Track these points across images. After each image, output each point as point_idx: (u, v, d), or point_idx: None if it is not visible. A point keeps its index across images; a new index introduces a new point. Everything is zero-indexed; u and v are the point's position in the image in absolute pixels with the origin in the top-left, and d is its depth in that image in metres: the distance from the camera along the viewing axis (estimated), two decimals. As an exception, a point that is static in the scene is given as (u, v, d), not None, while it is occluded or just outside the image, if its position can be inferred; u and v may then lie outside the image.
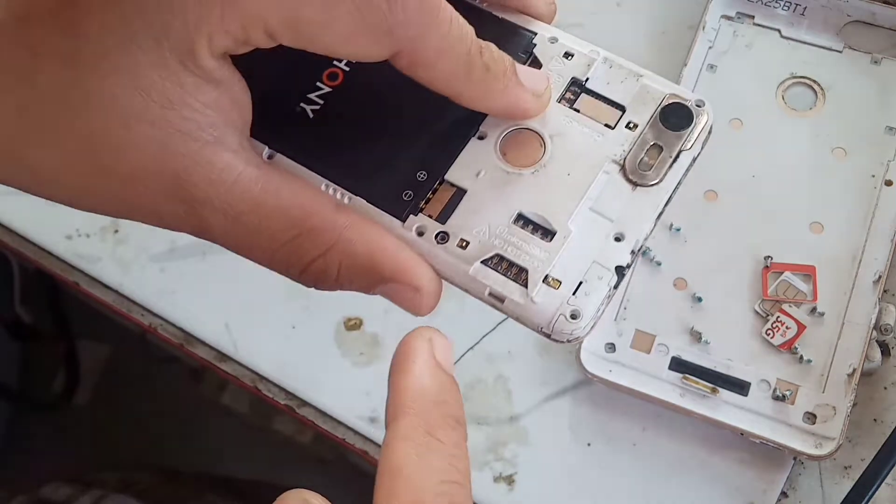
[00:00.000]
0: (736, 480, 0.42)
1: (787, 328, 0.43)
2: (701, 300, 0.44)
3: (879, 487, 0.39)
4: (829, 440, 0.41)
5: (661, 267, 0.45)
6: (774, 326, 0.43)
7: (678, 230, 0.45)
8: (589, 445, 0.44)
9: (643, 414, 0.43)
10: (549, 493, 0.43)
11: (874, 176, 0.45)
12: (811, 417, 0.41)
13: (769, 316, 0.43)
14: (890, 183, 0.45)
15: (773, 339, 0.43)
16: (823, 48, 0.48)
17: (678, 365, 0.43)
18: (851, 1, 0.48)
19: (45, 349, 0.99)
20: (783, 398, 0.42)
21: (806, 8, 0.49)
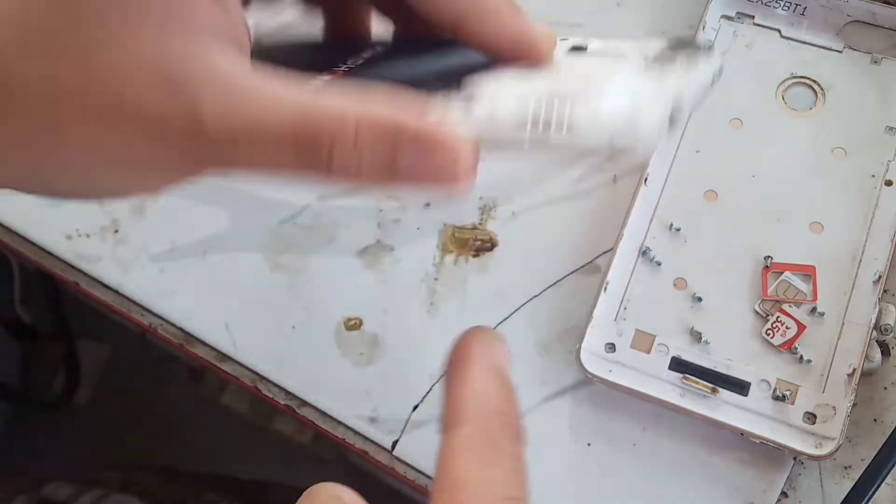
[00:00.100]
0: (736, 480, 0.42)
1: (787, 328, 0.43)
2: (701, 300, 0.44)
3: (879, 487, 0.39)
4: (829, 440, 0.41)
5: (661, 267, 0.45)
6: (774, 326, 0.43)
7: (678, 230, 0.45)
8: (589, 445, 0.44)
9: (643, 414, 0.43)
10: (549, 493, 0.43)
11: (874, 176, 0.45)
12: (811, 417, 0.41)
13: (769, 316, 0.43)
14: (890, 183, 0.45)
15: (773, 339, 0.43)
16: (823, 48, 0.48)
17: (678, 365, 0.43)
18: (851, 1, 0.48)
19: (45, 349, 0.99)
20: (783, 398, 0.42)
21: (806, 8, 0.49)
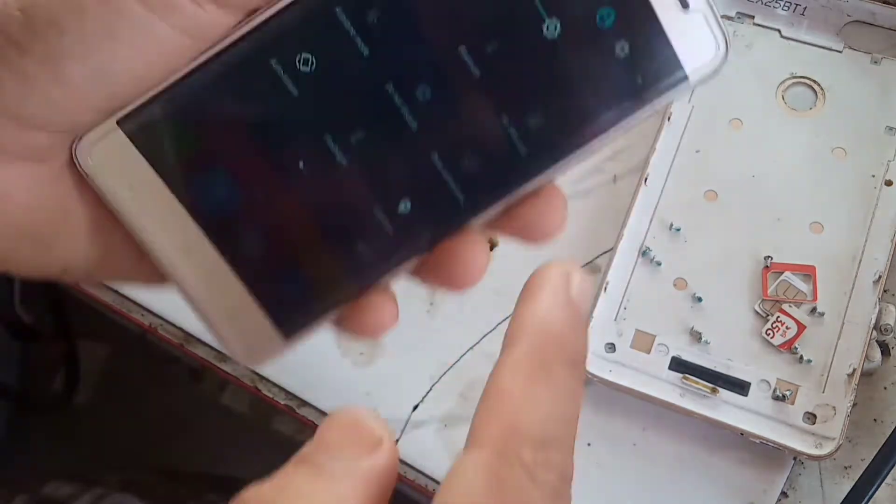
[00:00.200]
0: (736, 480, 0.42)
1: (787, 328, 0.43)
2: (701, 300, 0.44)
3: (879, 487, 0.39)
4: (829, 440, 0.41)
5: (661, 267, 0.45)
6: (774, 326, 0.43)
7: (678, 230, 0.45)
8: (589, 445, 0.44)
9: (643, 414, 0.43)
10: (549, 492, 0.43)
11: (874, 176, 0.45)
12: (811, 417, 0.41)
13: (769, 316, 0.43)
14: (890, 183, 0.45)
15: (773, 339, 0.43)
16: (823, 48, 0.48)
17: (678, 365, 0.43)
18: (851, 1, 0.48)
19: (45, 349, 0.99)
20: (783, 398, 0.42)
21: (806, 8, 0.49)
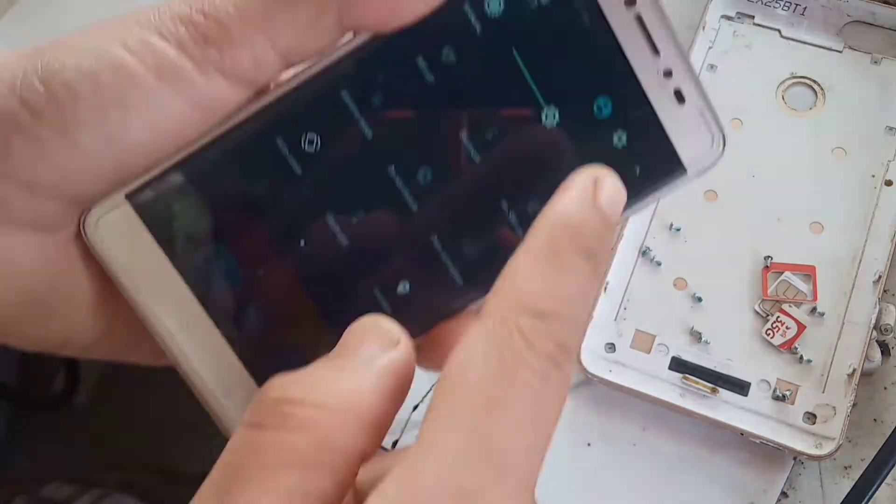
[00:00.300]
0: (736, 480, 0.42)
1: (787, 328, 0.43)
2: (701, 300, 0.44)
3: (879, 487, 0.39)
4: (829, 440, 0.41)
5: (661, 267, 0.45)
6: (774, 326, 0.43)
7: (678, 230, 0.45)
8: (589, 445, 0.44)
9: (643, 414, 0.43)
10: (548, 493, 0.43)
11: (874, 176, 0.45)
12: (811, 417, 0.41)
13: (769, 316, 0.43)
14: (890, 183, 0.45)
15: (773, 339, 0.43)
16: (823, 48, 0.48)
17: (678, 365, 0.43)
18: (851, 1, 0.48)
19: (44, 349, 0.99)
20: (783, 398, 0.42)
21: (806, 8, 0.49)
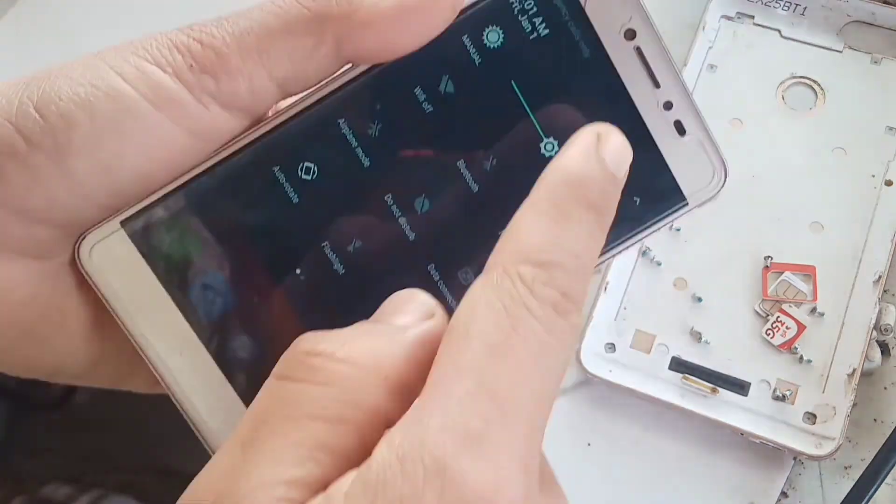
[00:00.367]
0: (736, 480, 0.42)
1: (787, 328, 0.43)
2: (701, 300, 0.44)
3: (879, 487, 0.39)
4: (829, 440, 0.41)
5: (661, 267, 0.45)
6: (774, 326, 0.43)
7: (678, 230, 0.45)
8: (589, 445, 0.44)
9: (643, 414, 0.43)
10: (549, 493, 0.43)
11: (874, 176, 0.45)
12: (811, 417, 0.41)
13: (769, 316, 0.43)
14: (890, 183, 0.45)
15: (773, 339, 0.43)
16: (823, 48, 0.48)
17: (678, 365, 0.43)
18: (851, 1, 0.48)
19: (44, 349, 0.99)
20: (783, 398, 0.42)
21: (806, 8, 0.49)
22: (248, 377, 0.26)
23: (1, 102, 0.23)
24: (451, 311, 0.25)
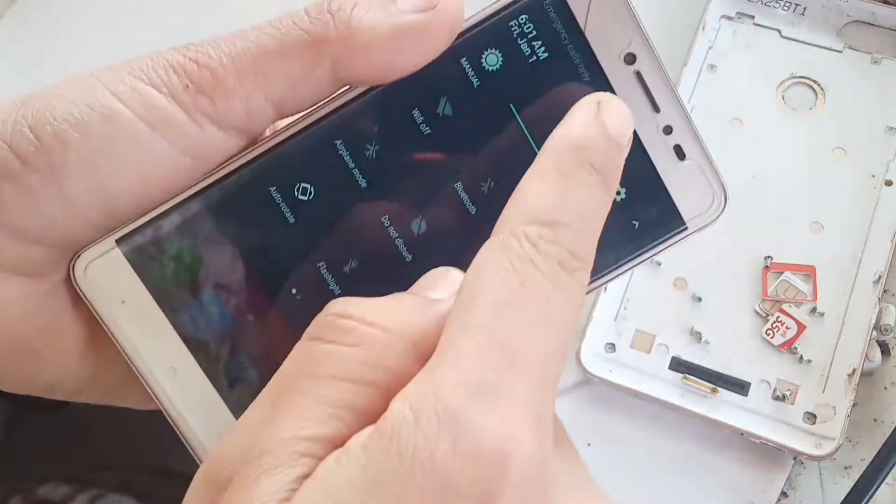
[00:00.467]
0: (736, 480, 0.42)
1: (787, 328, 0.43)
2: (701, 300, 0.44)
3: (879, 487, 0.39)
4: (829, 440, 0.41)
5: (661, 267, 0.45)
6: (774, 326, 0.43)
7: (678, 230, 0.45)
8: (589, 445, 0.44)
9: (643, 414, 0.43)
10: (548, 493, 0.43)
11: (874, 176, 0.45)
12: (811, 417, 0.41)
13: (769, 316, 0.43)
14: (890, 183, 0.45)
15: (773, 339, 0.43)
16: (823, 48, 0.48)
17: (678, 365, 0.43)
18: (851, 1, 0.48)
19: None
20: (783, 398, 0.42)
21: (806, 8, 0.49)
22: (242, 396, 0.26)
23: None
24: None
